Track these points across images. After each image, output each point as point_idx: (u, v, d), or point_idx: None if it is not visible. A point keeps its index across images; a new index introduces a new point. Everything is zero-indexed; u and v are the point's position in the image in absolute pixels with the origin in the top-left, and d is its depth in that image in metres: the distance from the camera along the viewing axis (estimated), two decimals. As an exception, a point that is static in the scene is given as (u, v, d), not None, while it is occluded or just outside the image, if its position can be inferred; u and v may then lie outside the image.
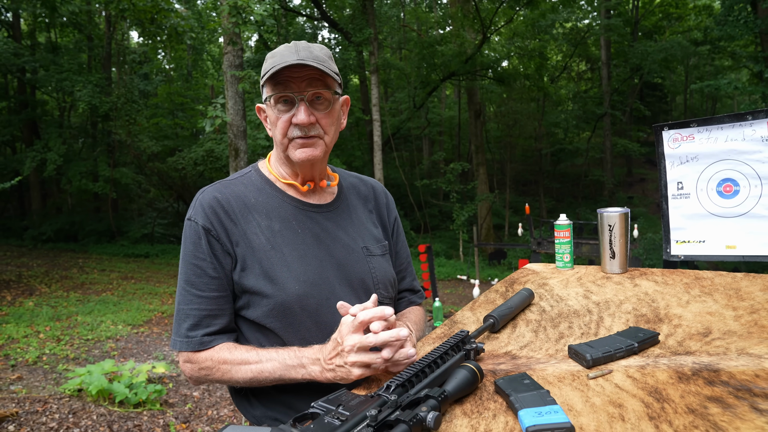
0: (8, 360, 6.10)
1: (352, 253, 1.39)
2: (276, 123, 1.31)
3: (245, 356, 1.23)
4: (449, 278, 13.80)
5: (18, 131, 19.00)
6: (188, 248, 1.29)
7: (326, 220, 1.40)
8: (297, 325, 1.29)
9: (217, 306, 1.29)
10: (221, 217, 1.29)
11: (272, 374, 1.21)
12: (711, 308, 1.29)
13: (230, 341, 1.30)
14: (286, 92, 1.27)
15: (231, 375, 1.24)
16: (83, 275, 12.17)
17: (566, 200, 24.67)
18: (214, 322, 1.28)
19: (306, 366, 1.17)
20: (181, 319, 1.29)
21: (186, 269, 1.29)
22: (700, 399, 0.88)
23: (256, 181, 1.40)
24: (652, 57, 19.54)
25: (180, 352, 1.30)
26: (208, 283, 1.28)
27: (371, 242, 1.45)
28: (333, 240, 1.37)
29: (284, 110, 1.29)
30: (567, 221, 1.72)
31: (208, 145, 15.46)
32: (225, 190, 1.34)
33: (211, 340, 1.27)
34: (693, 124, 2.20)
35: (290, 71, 1.26)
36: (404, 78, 21.57)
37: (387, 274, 1.45)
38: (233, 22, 8.32)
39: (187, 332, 1.27)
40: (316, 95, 1.29)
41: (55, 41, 20.43)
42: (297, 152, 1.31)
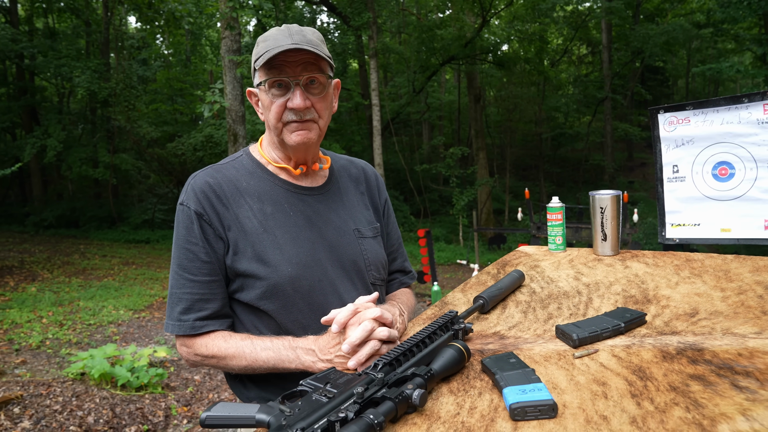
0: (12, 344, 6.15)
1: (343, 235, 1.40)
2: (270, 107, 1.30)
3: (240, 345, 1.26)
4: (449, 263, 13.84)
5: (17, 118, 18.95)
6: (181, 233, 1.30)
7: (318, 202, 1.41)
8: (290, 307, 1.31)
9: (209, 290, 1.30)
10: (213, 202, 1.30)
11: (266, 363, 1.24)
12: (699, 289, 1.31)
13: (223, 327, 1.32)
14: (281, 77, 1.27)
15: (226, 363, 1.27)
16: (85, 261, 12.22)
17: (567, 185, 24.65)
18: (206, 306, 1.30)
19: (300, 357, 1.20)
20: (173, 302, 1.31)
21: (179, 253, 1.31)
22: (682, 377, 0.90)
23: (248, 165, 1.40)
24: (653, 40, 19.37)
25: (177, 336, 1.32)
26: (200, 267, 1.29)
27: (363, 224, 1.46)
28: (325, 222, 1.39)
29: (279, 94, 1.29)
30: (559, 204, 1.73)
31: (207, 131, 15.44)
32: (217, 175, 1.35)
33: (203, 325, 1.29)
34: (689, 107, 2.20)
35: (285, 56, 1.25)
36: (403, 62, 21.43)
37: (378, 255, 1.46)
38: (230, 6, 8.27)
39: (179, 315, 1.29)
40: (311, 79, 1.29)
41: (52, 27, 20.30)
42: (292, 136, 1.31)
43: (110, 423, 3.96)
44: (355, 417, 0.80)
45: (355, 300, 1.21)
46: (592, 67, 27.82)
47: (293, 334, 1.29)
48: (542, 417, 0.82)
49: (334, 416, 0.80)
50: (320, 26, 22.34)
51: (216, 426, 0.86)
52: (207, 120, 15.35)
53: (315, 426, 0.78)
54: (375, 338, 1.13)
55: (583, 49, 29.01)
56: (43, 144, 16.05)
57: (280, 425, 0.79)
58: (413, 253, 13.91)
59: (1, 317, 7.21)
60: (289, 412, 0.82)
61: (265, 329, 1.32)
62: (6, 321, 7.04)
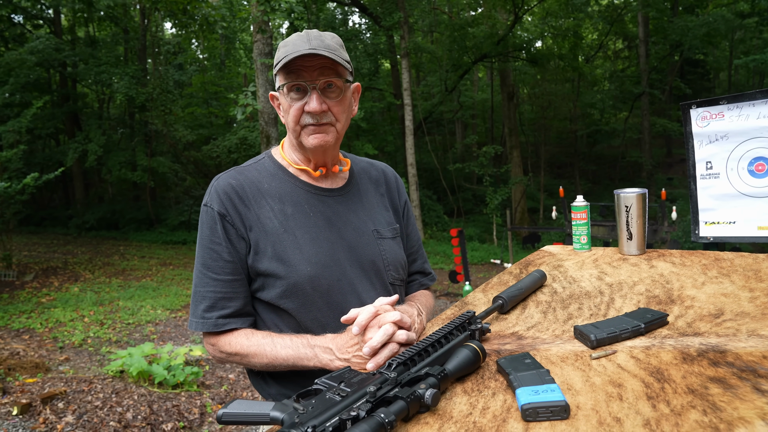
0: (57, 342, 6.39)
1: (362, 236, 1.42)
2: (288, 111, 1.34)
3: (261, 343, 1.29)
4: (483, 262, 13.73)
5: (61, 124, 19.65)
6: (205, 233, 1.35)
7: (337, 203, 1.43)
8: (309, 306, 1.33)
9: (231, 289, 1.34)
10: (236, 203, 1.34)
11: (286, 361, 1.27)
12: (726, 289, 1.27)
13: (245, 325, 1.36)
14: (298, 81, 1.30)
15: (249, 360, 1.31)
16: (124, 262, 12.59)
17: (603, 182, 24.16)
18: (229, 305, 1.33)
19: (318, 355, 1.23)
20: (197, 300, 1.35)
21: (203, 253, 1.35)
22: (701, 379, 0.88)
23: (269, 167, 1.43)
24: (693, 32, 18.77)
25: (204, 334, 1.37)
26: (223, 266, 1.33)
27: (382, 225, 1.48)
28: (344, 223, 1.41)
29: (297, 98, 1.32)
30: (584, 203, 1.70)
31: (241, 133, 15.70)
32: (239, 176, 1.39)
33: (225, 323, 1.33)
34: (723, 101, 2.13)
35: (302, 60, 1.28)
36: (436, 61, 21.36)
37: (397, 256, 1.48)
38: (262, 10, 8.39)
39: (203, 313, 1.33)
40: (328, 83, 1.32)
41: (93, 35, 20.98)
42: (309, 139, 1.34)
43: (148, 419, 4.07)
44: (366, 416, 0.81)
45: (375, 300, 1.22)
46: (628, 62, 27.16)
47: (313, 332, 1.31)
48: (554, 418, 0.81)
49: (346, 415, 0.81)
50: (351, 27, 22.46)
51: (232, 423, 0.88)
52: (241, 122, 15.60)
53: (327, 424, 0.79)
54: (394, 341, 1.15)
55: (618, 43, 28.35)
56: (85, 149, 16.60)
57: (292, 423, 0.81)
58: (446, 252, 13.85)
59: (47, 316, 7.49)
60: (302, 410, 0.84)
61: (286, 327, 1.35)
62: (51, 320, 7.31)
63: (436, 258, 13.68)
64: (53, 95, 19.21)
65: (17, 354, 5.84)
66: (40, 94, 17.33)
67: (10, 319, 7.36)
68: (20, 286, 9.49)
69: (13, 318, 7.41)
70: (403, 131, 15.96)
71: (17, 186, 9.46)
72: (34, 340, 6.50)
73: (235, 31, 20.90)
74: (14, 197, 9.74)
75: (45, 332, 6.81)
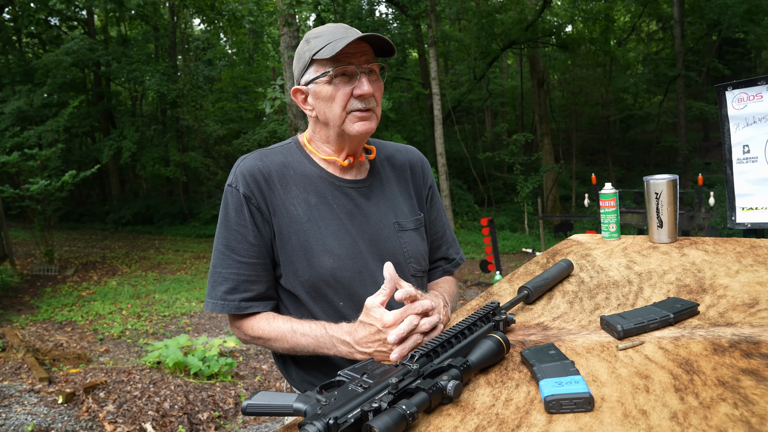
0: (97, 334, 6.60)
1: (384, 229, 1.42)
2: (334, 97, 1.32)
3: (282, 329, 1.31)
4: (514, 251, 13.61)
5: (96, 122, 20.17)
6: (230, 214, 1.34)
7: (360, 196, 1.43)
8: (330, 297, 1.34)
9: (254, 272, 1.34)
10: (261, 186, 1.34)
11: (306, 348, 1.29)
12: (762, 278, 1.23)
13: (267, 309, 1.37)
14: (348, 66, 1.30)
15: (271, 344, 1.33)
16: (159, 256, 12.89)
17: (637, 168, 23.60)
18: (252, 288, 1.34)
19: (336, 345, 1.23)
20: (217, 281, 1.34)
21: (227, 233, 1.34)
22: (733, 371, 0.85)
23: (296, 154, 1.43)
24: (732, 10, 18.05)
25: (230, 317, 1.38)
26: (248, 249, 1.33)
27: (404, 216, 1.47)
28: (366, 216, 1.41)
29: (344, 83, 1.32)
30: (612, 190, 1.67)
31: (270, 127, 15.84)
32: (266, 159, 1.38)
33: (248, 306, 1.33)
34: (761, 82, 2.05)
35: (347, 47, 1.29)
36: (464, 49, 21.13)
37: (419, 248, 1.47)
38: (288, 3, 8.43)
39: (224, 295, 1.33)
40: (372, 68, 1.34)
41: (125, 34, 21.41)
42: (356, 125, 1.33)
43: (184, 409, 4.17)
44: (388, 407, 0.81)
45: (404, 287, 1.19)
46: (663, 44, 26.34)
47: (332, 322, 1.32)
48: (578, 410, 0.80)
49: (368, 406, 0.82)
50: (378, 17, 22.37)
51: (256, 414, 0.89)
52: (270, 116, 15.74)
53: (349, 415, 0.80)
54: (419, 332, 1.14)
55: (652, 25, 27.53)
56: (119, 146, 17.01)
57: (315, 414, 0.81)
58: (477, 242, 13.76)
59: (87, 309, 7.74)
60: (325, 401, 0.85)
61: (306, 316, 1.36)
62: (91, 312, 7.55)
63: (467, 248, 13.62)
64: (88, 94, 19.71)
65: (61, 345, 6.05)
66: (76, 94, 17.84)
67: (53, 312, 7.62)
68: (62, 280, 9.82)
69: (56, 311, 7.68)
70: (432, 121, 15.87)
71: (57, 183, 9.78)
72: (75, 332, 6.72)
73: (262, 25, 21.04)
74: (54, 194, 10.06)
75: (86, 324, 7.04)
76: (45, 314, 7.48)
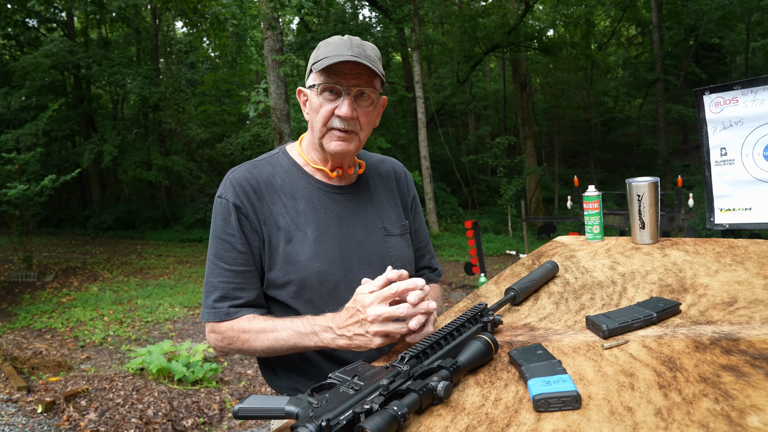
0: (78, 341, 6.51)
1: (371, 233, 1.45)
2: (318, 110, 1.35)
3: (263, 325, 1.30)
4: (498, 254, 13.68)
5: (76, 125, 19.89)
6: (218, 224, 1.36)
7: (348, 201, 1.45)
8: (316, 302, 1.35)
9: (243, 280, 1.35)
10: (250, 196, 1.36)
11: (287, 342, 1.26)
12: (740, 277, 1.26)
13: None
14: (335, 84, 1.32)
15: (250, 344, 1.31)
16: (141, 261, 12.74)
17: (618, 171, 23.89)
18: (241, 295, 1.35)
19: (318, 333, 1.21)
20: (209, 291, 1.36)
21: (216, 244, 1.36)
22: (714, 368, 0.88)
23: (284, 163, 1.46)
24: (708, 16, 18.42)
25: (207, 324, 1.37)
26: (236, 257, 1.34)
27: (390, 222, 1.50)
28: (353, 220, 1.44)
29: (329, 99, 1.34)
30: (595, 193, 1.70)
31: (254, 130, 15.77)
32: (254, 170, 1.41)
33: (237, 312, 1.34)
34: (736, 87, 2.10)
35: (342, 65, 1.31)
36: (447, 53, 21.25)
37: (405, 253, 1.50)
38: (271, 6, 8.41)
39: (214, 303, 1.34)
40: (362, 92, 1.35)
41: (105, 36, 21.17)
42: (332, 143, 1.36)
43: (168, 416, 4.13)
44: (380, 408, 0.82)
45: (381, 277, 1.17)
46: (642, 48, 26.77)
47: None
48: (566, 408, 0.82)
49: (360, 408, 0.82)
50: (362, 21, 22.41)
51: (248, 417, 0.90)
52: (254, 119, 15.68)
53: (341, 417, 0.81)
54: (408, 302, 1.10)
55: (632, 30, 27.96)
56: (100, 149, 16.80)
57: (307, 416, 0.82)
58: (461, 244, 13.81)
59: (68, 315, 7.62)
60: (316, 404, 0.86)
61: None
62: (72, 319, 7.44)
63: (452, 250, 13.64)
64: (68, 97, 19.44)
65: (40, 353, 5.95)
66: (55, 97, 17.55)
67: (32, 319, 7.50)
68: (41, 286, 9.66)
69: (35, 318, 7.55)
70: (416, 124, 15.92)
71: (35, 188, 9.61)
72: (56, 339, 6.62)
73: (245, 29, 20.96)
74: (33, 199, 9.89)
75: (66, 331, 6.93)
76: (23, 321, 7.36)
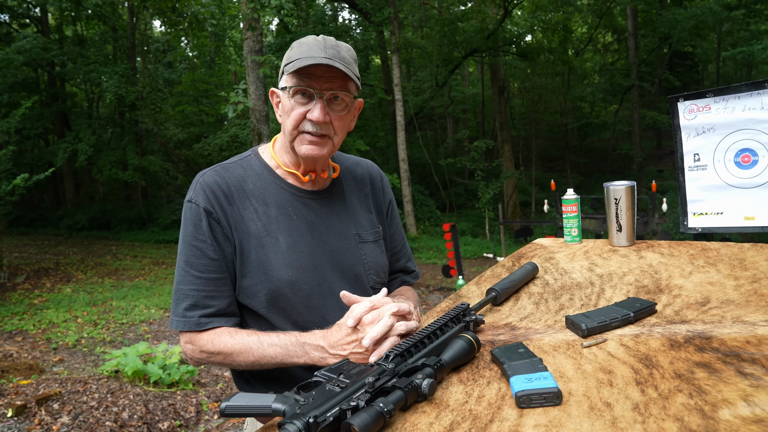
0: (50, 343, 6.37)
1: (344, 240, 1.41)
2: (290, 113, 1.30)
3: (246, 341, 1.25)
4: (475, 256, 13.78)
5: (50, 124, 19.51)
6: (189, 230, 1.31)
7: (321, 206, 1.42)
8: (290, 310, 1.32)
9: (215, 287, 1.30)
10: (221, 201, 1.31)
11: (274, 359, 1.24)
12: (713, 278, 1.31)
13: (229, 325, 1.32)
14: (307, 87, 1.28)
15: (233, 359, 1.27)
16: (117, 262, 12.54)
17: (594, 175, 24.28)
18: (212, 303, 1.30)
19: (308, 352, 1.21)
20: (179, 299, 1.31)
21: (186, 250, 1.31)
22: (688, 365, 0.91)
23: (255, 166, 1.41)
24: (681, 25, 18.87)
25: (181, 333, 1.32)
26: (207, 264, 1.30)
27: (364, 228, 1.47)
28: (326, 227, 1.40)
29: (301, 103, 1.29)
30: (574, 196, 1.73)
31: (232, 131, 15.65)
32: (225, 174, 1.36)
33: (208, 322, 1.29)
34: (709, 95, 2.16)
35: (315, 68, 1.26)
36: (426, 56, 21.38)
37: (378, 260, 1.47)
38: (251, 7, 8.37)
39: (184, 312, 1.29)
40: (335, 96, 1.30)
41: (81, 34, 20.84)
42: (303, 147, 1.31)
43: (144, 419, 4.08)
44: (366, 405, 0.83)
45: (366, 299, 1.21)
46: (618, 55, 27.28)
47: None
48: (547, 404, 0.84)
49: (346, 405, 0.84)
50: (341, 23, 22.41)
51: (235, 415, 0.90)
52: (232, 120, 15.56)
53: (328, 414, 0.82)
54: (394, 334, 1.14)
55: (608, 37, 28.46)
56: (75, 148, 16.51)
57: (294, 413, 0.83)
58: (439, 247, 13.88)
59: (40, 317, 7.47)
60: (303, 401, 0.87)
61: (267, 330, 1.32)
62: (44, 321, 7.29)
63: (429, 253, 13.71)
64: (42, 95, 19.06)
65: (10, 356, 5.82)
66: (28, 94, 17.18)
67: (2, 321, 7.32)
68: (12, 287, 9.45)
69: (5, 320, 7.38)
70: (395, 127, 15.98)
71: (7, 187, 9.39)
72: (27, 341, 6.48)
73: (224, 29, 20.81)
74: (4, 198, 9.67)
75: (38, 333, 6.79)
76: (-6, 323, 7.19)
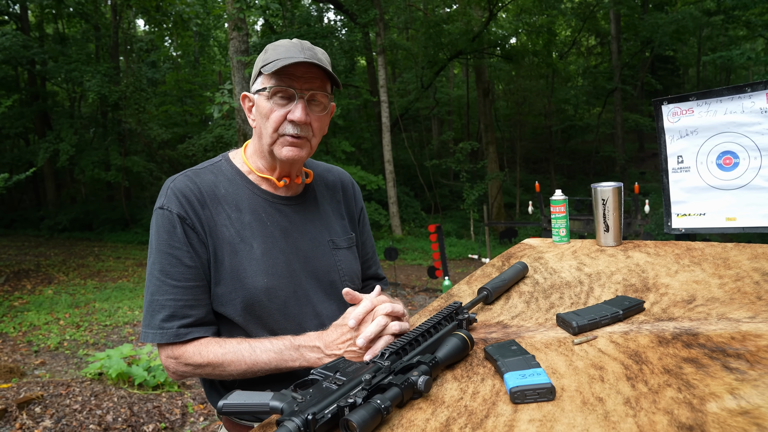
0: (31, 346, 6.28)
1: (318, 246, 1.40)
2: (269, 116, 1.28)
3: (238, 349, 1.23)
4: (460, 258, 13.85)
5: (30, 123, 19.23)
6: (162, 237, 1.26)
7: (294, 213, 1.40)
8: (265, 318, 1.30)
9: (193, 296, 1.26)
10: (195, 206, 1.28)
11: (268, 365, 1.21)
12: (698, 277, 1.34)
13: (209, 335, 1.28)
14: (288, 87, 1.27)
15: (223, 369, 1.23)
16: (99, 263, 12.39)
17: (577, 177, 24.54)
18: (190, 313, 1.26)
19: (304, 354, 1.20)
20: (155, 310, 1.25)
21: (160, 259, 1.26)
22: (676, 360, 0.94)
23: (227, 172, 1.38)
24: (663, 29, 19.17)
25: (160, 347, 1.27)
26: (184, 272, 1.25)
27: (337, 235, 1.46)
28: (300, 233, 1.39)
29: (281, 104, 1.27)
30: (562, 197, 1.76)
31: (217, 131, 15.56)
32: (196, 179, 1.32)
33: (187, 332, 1.25)
34: (692, 98, 2.21)
35: (295, 68, 1.25)
36: (411, 58, 21.44)
37: (352, 266, 1.47)
38: (237, 7, 8.34)
39: (161, 323, 1.23)
40: (314, 96, 1.29)
41: (62, 32, 20.55)
42: (284, 150, 1.29)
43: (128, 421, 4.04)
44: (363, 402, 0.84)
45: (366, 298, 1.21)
46: (601, 58, 27.63)
47: None
48: (541, 400, 0.86)
49: (344, 402, 0.85)
50: (327, 24, 22.39)
51: (232, 413, 0.91)
52: (217, 121, 15.47)
53: (326, 411, 0.83)
54: (388, 333, 1.15)
55: (591, 40, 28.82)
56: (56, 148, 16.29)
57: (292, 411, 0.84)
58: (424, 248, 13.93)
59: (20, 320, 7.36)
60: (301, 398, 0.87)
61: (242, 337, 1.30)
62: (25, 323, 7.18)
63: (414, 254, 13.74)
64: (22, 93, 18.80)
65: (-9, 358, 5.73)
66: (7, 93, 16.94)
67: (-18, 323, 7.21)
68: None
69: (-15, 322, 7.26)
70: (380, 128, 16.01)
71: (-13, 187, 9.25)
72: (7, 344, 6.38)
73: (209, 29, 20.67)
74: (-16, 199, 9.51)
75: (19, 336, 6.69)
76: (-27, 326, 7.07)
